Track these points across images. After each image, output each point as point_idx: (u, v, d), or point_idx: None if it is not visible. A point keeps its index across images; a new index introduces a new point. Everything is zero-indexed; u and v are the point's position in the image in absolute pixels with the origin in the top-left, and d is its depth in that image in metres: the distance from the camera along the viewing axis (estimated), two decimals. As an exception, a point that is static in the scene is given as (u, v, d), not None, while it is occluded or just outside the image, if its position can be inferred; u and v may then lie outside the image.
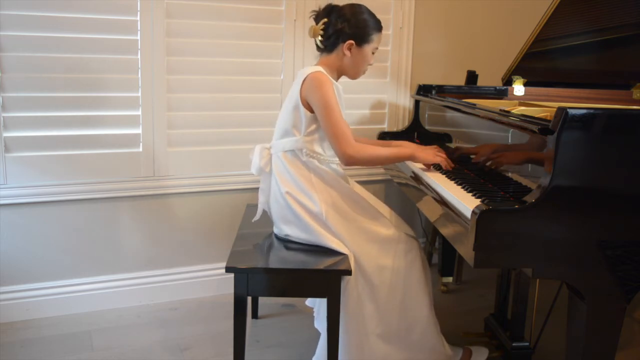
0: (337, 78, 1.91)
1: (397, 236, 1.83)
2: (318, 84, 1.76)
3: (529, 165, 1.53)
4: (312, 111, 1.80)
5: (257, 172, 1.90)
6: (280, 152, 1.85)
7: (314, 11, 1.89)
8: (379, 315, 1.81)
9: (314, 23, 1.88)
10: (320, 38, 1.86)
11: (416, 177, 2.00)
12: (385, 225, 1.84)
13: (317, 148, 1.84)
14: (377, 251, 1.80)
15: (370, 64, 1.93)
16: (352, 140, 1.78)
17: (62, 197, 2.25)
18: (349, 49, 1.85)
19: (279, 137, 1.88)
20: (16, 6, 2.07)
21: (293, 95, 1.83)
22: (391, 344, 1.83)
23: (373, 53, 1.91)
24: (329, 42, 1.86)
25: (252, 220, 2.00)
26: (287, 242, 1.86)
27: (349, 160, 1.79)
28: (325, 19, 1.85)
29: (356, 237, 1.79)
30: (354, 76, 1.94)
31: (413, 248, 1.86)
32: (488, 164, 1.79)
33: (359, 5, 1.89)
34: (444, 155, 1.95)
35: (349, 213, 1.81)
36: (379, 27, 1.89)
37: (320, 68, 1.83)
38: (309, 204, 1.79)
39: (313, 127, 1.81)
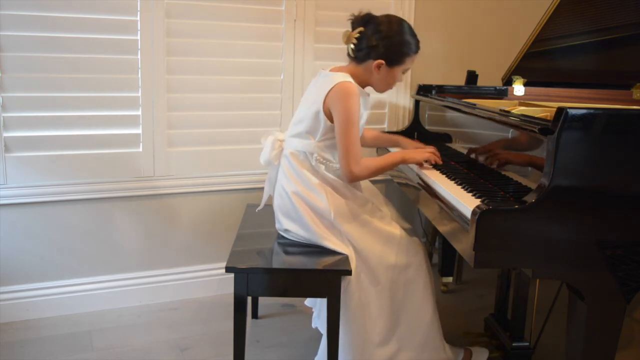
0: (363, 87, 1.86)
1: (406, 236, 1.83)
2: (344, 95, 1.71)
3: (529, 165, 1.53)
4: (332, 121, 1.76)
5: (265, 163, 1.89)
6: (291, 150, 1.83)
7: (353, 15, 1.81)
8: (382, 316, 1.80)
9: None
10: (352, 46, 1.79)
11: (416, 177, 2.00)
12: (394, 225, 1.84)
13: (328, 155, 1.82)
14: (385, 250, 1.79)
15: (400, 81, 1.89)
16: (360, 159, 1.75)
17: (62, 197, 2.25)
18: (378, 67, 1.79)
19: (292, 134, 1.85)
20: (16, 6, 2.07)
21: (316, 100, 1.77)
22: (393, 346, 1.83)
23: (404, 73, 1.85)
24: (359, 54, 1.79)
25: (256, 210, 2.02)
26: (287, 242, 1.86)
27: (352, 178, 1.77)
28: (362, 28, 1.77)
29: (365, 235, 1.78)
30: (379, 91, 1.90)
31: (421, 250, 1.86)
32: (487, 163, 1.79)
33: (400, 23, 1.79)
34: (431, 149, 1.96)
35: (357, 213, 1.80)
36: (416, 49, 1.81)
37: (349, 77, 1.77)
38: (317, 202, 1.77)
39: (328, 135, 1.79)
